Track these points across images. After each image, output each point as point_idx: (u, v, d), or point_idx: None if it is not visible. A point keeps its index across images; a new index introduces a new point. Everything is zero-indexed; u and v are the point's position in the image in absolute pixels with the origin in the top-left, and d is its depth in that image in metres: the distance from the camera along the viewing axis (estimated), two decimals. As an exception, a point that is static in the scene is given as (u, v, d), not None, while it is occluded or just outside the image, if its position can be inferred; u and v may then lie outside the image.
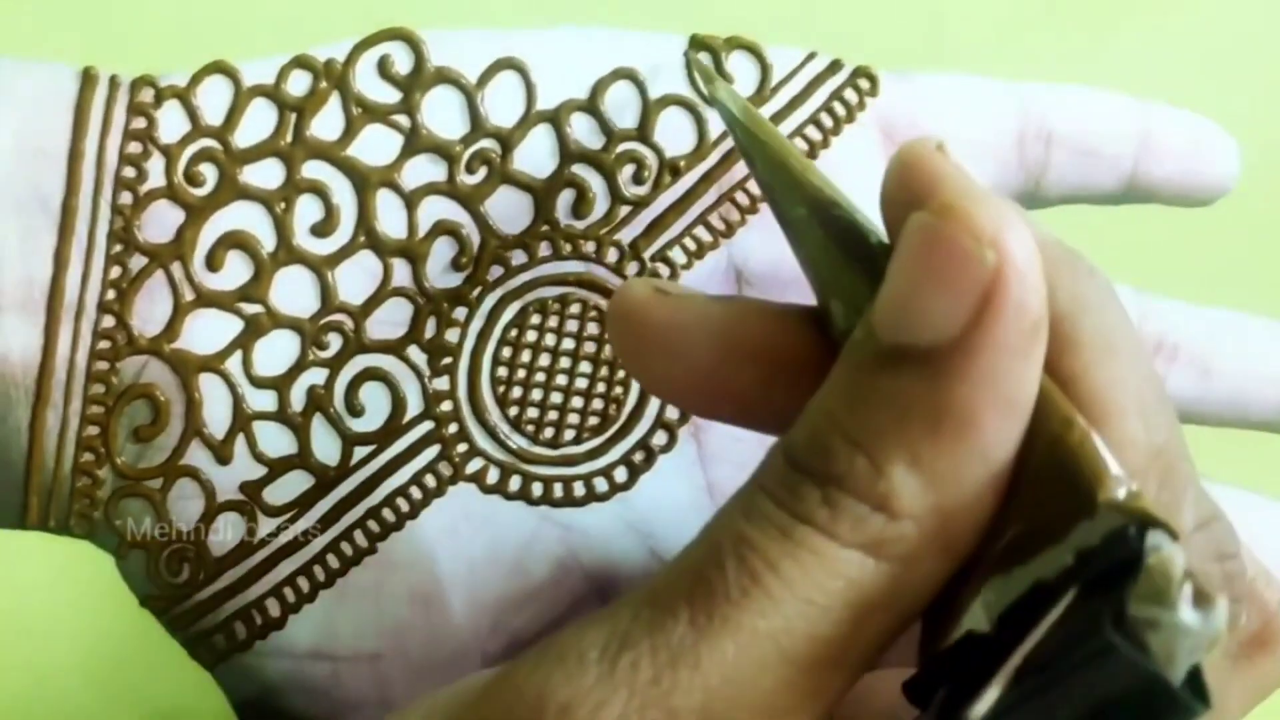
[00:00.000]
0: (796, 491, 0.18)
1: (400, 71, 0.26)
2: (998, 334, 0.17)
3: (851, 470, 0.18)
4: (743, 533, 0.18)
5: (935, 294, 0.17)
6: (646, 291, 0.21)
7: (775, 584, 0.18)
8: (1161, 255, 0.39)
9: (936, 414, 0.17)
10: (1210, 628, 0.16)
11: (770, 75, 0.27)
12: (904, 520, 0.18)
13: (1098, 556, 0.16)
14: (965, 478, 0.18)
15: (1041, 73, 0.29)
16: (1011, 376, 0.17)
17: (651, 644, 0.18)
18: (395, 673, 0.26)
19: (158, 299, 0.26)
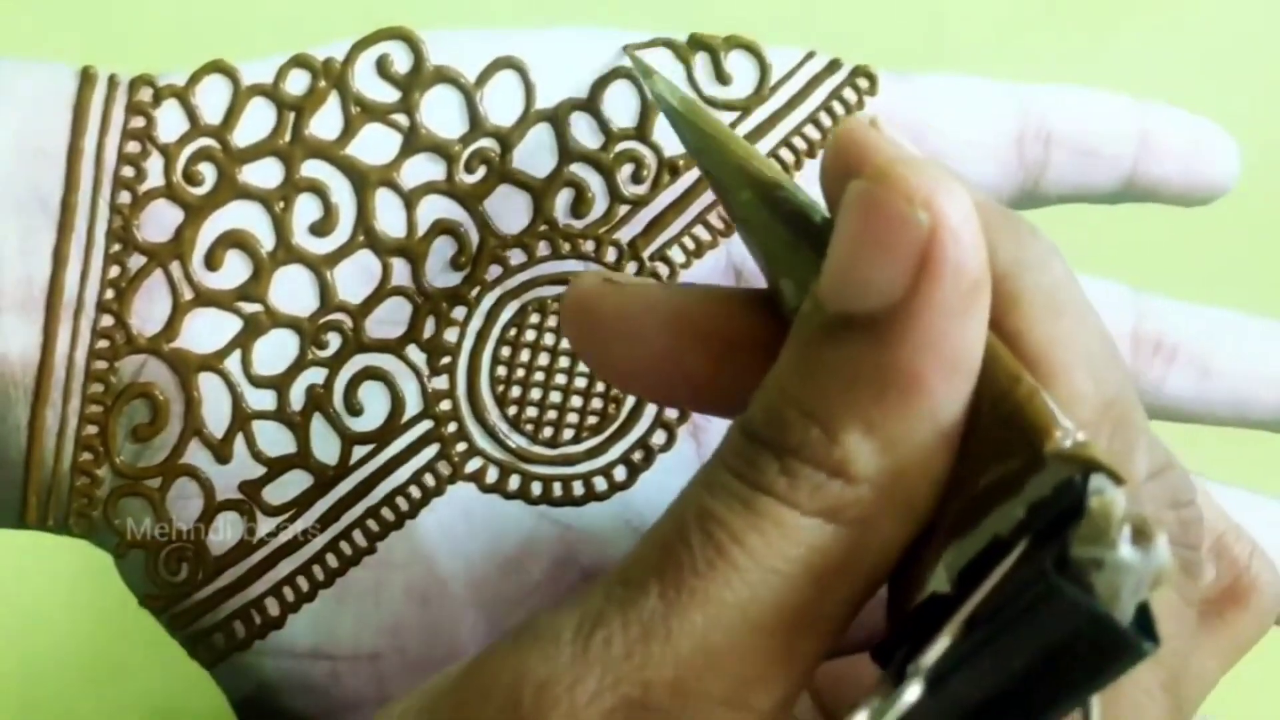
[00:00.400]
0: (755, 463, 0.18)
1: (399, 71, 0.26)
2: (937, 295, 0.17)
3: (806, 439, 0.18)
4: (706, 506, 0.18)
5: (873, 259, 0.18)
6: (596, 282, 0.21)
7: (740, 555, 0.18)
8: (1161, 255, 0.39)
9: (883, 378, 0.18)
10: (1151, 564, 0.16)
11: (769, 74, 0.27)
12: (860, 484, 0.18)
13: (1048, 507, 0.17)
14: (916, 439, 0.18)
15: (1041, 73, 0.29)
16: (954, 337, 0.18)
17: (623, 620, 0.18)
18: (394, 672, 0.26)
19: (157, 298, 0.26)
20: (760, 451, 0.18)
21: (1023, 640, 0.16)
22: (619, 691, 0.18)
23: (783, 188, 0.21)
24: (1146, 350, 0.29)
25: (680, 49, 0.27)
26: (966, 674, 0.17)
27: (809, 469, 0.18)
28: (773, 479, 0.18)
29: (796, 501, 0.18)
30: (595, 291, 0.21)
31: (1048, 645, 0.16)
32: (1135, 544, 0.16)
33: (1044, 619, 0.16)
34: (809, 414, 0.18)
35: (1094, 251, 0.31)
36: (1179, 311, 0.29)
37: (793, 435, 0.18)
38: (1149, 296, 0.29)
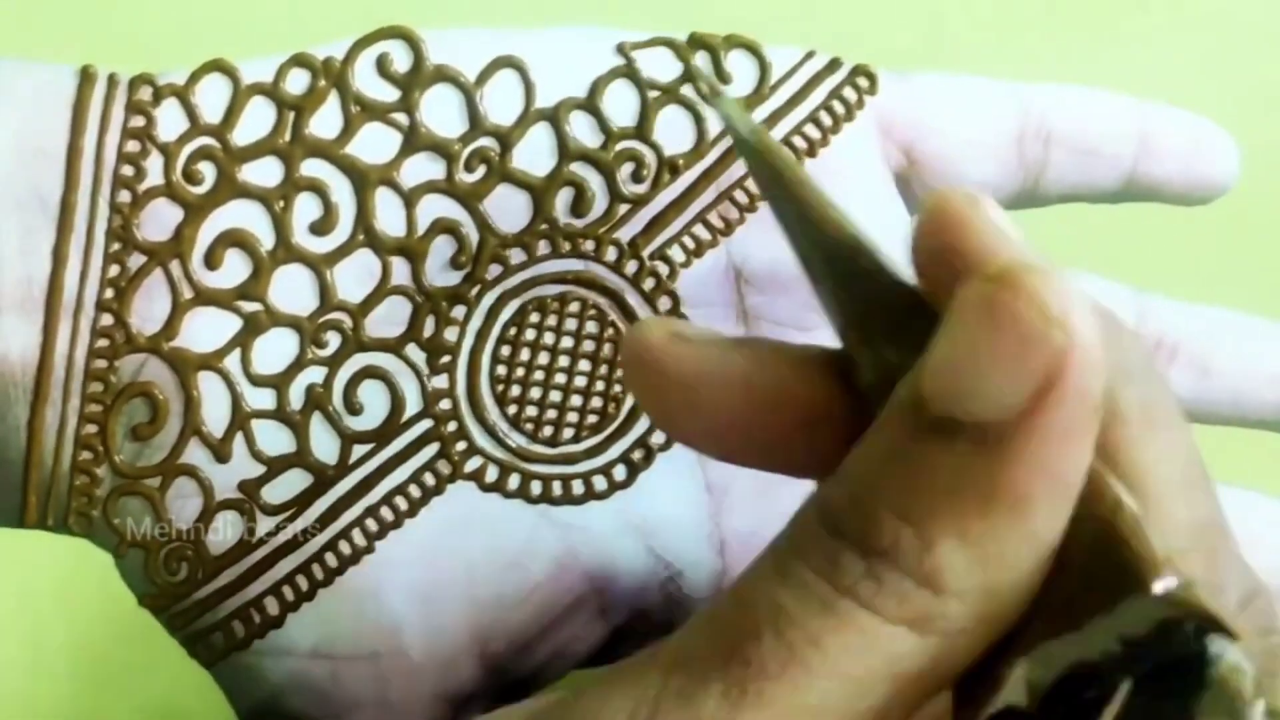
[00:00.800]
0: (838, 562, 0.18)
1: (399, 70, 0.26)
2: (1060, 417, 0.17)
3: (898, 544, 0.17)
4: (780, 603, 0.18)
5: (996, 370, 0.17)
6: (663, 335, 0.20)
7: (816, 659, 0.17)
8: (1161, 255, 0.39)
9: (989, 492, 0.17)
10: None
11: (769, 73, 0.27)
12: (950, 597, 0.17)
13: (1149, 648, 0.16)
14: (1014, 557, 0.17)
15: (1041, 72, 0.29)
16: (1068, 459, 0.17)
17: (681, 717, 0.17)
18: (394, 671, 0.26)
19: (156, 297, 0.26)
20: (844, 550, 0.18)
21: None
22: None
23: (860, 253, 0.20)
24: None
25: (680, 48, 0.27)
26: None
27: (898, 575, 0.17)
28: (856, 581, 0.17)
29: (881, 608, 0.17)
30: (661, 345, 0.20)
31: None
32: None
33: None
34: (902, 516, 0.17)
35: (1094, 251, 0.31)
36: (1179, 311, 0.29)
37: (883, 537, 0.17)
38: (1149, 296, 0.29)
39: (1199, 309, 0.30)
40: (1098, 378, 0.17)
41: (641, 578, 0.27)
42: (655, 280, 0.27)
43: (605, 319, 0.27)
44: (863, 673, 0.17)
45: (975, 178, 0.28)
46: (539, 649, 0.27)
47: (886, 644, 0.17)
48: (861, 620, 0.17)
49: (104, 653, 0.44)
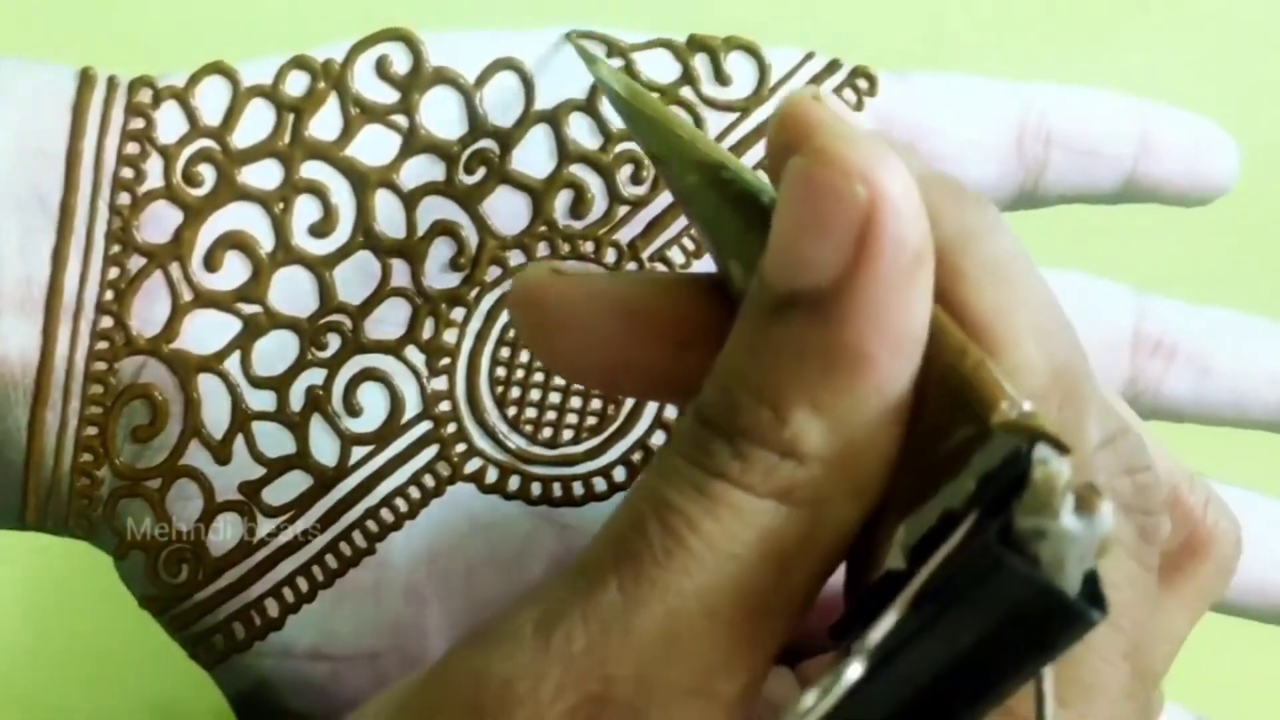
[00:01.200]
0: (708, 448, 0.18)
1: (398, 72, 0.26)
2: (878, 269, 0.17)
3: (757, 421, 0.18)
4: (662, 495, 0.18)
5: (814, 236, 0.17)
6: (543, 273, 0.21)
7: (696, 542, 0.18)
8: (1161, 255, 0.39)
9: (829, 356, 0.18)
10: (1095, 531, 0.16)
11: (768, 75, 0.27)
12: (811, 463, 0.18)
13: (997, 478, 0.16)
14: (865, 416, 0.18)
15: (1041, 73, 0.29)
16: (898, 311, 0.18)
17: (583, 613, 0.18)
18: (394, 672, 0.26)
19: (156, 299, 0.26)
20: (712, 436, 0.18)
21: (970, 614, 0.16)
22: (582, 688, 0.18)
23: (728, 169, 0.21)
24: (1146, 350, 0.29)
25: (679, 50, 0.27)
26: (915, 650, 0.16)
27: (761, 451, 0.18)
28: (726, 463, 0.18)
29: (750, 484, 0.18)
30: (540, 281, 0.21)
31: (995, 618, 0.16)
32: (1079, 512, 0.16)
33: (990, 592, 0.16)
34: (758, 395, 0.18)
35: (1094, 252, 0.31)
36: (1179, 311, 0.29)
37: (743, 417, 0.18)
38: (1149, 296, 0.29)
39: (1199, 309, 0.30)
40: (911, 226, 0.17)
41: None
42: (655, 281, 0.27)
43: (605, 320, 0.27)
44: (741, 549, 0.18)
45: (975, 178, 0.28)
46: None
47: (759, 518, 0.18)
48: (733, 498, 0.18)
49: (104, 653, 0.44)
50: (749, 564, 0.18)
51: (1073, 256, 0.30)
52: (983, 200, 0.20)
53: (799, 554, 0.18)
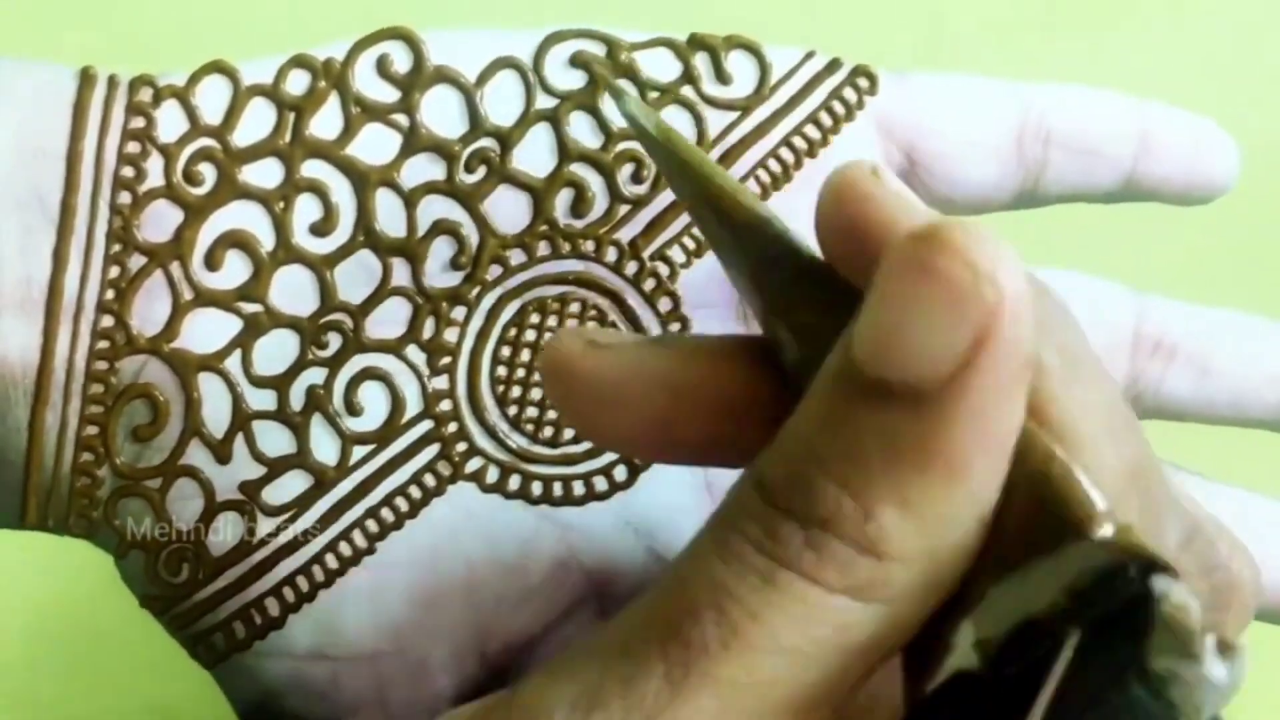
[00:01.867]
0: (777, 534, 0.17)
1: (399, 71, 0.26)
2: (993, 375, 0.16)
3: (839, 512, 0.17)
4: (720, 579, 0.17)
5: (928, 329, 0.16)
6: (578, 346, 0.20)
7: (759, 635, 0.17)
8: (1160, 255, 0.39)
9: (927, 455, 0.17)
10: (1236, 677, 0.15)
11: (769, 74, 0.27)
12: (892, 563, 0.17)
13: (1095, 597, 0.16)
14: (954, 519, 0.17)
15: (1040, 72, 0.29)
16: (1003, 416, 0.17)
17: (624, 703, 0.17)
18: (394, 672, 0.26)
19: (157, 298, 0.26)
20: (783, 521, 0.17)
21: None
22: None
23: (771, 230, 0.20)
24: (1146, 350, 0.29)
25: (680, 48, 0.27)
26: None
27: (839, 543, 0.17)
28: (797, 553, 0.17)
29: (823, 579, 0.17)
30: (577, 355, 0.20)
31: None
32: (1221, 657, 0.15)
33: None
34: (841, 482, 0.17)
35: (1094, 251, 0.31)
36: (1179, 311, 0.29)
37: (823, 505, 0.17)
38: (1149, 296, 0.29)
39: (1198, 309, 0.29)
40: (1028, 332, 0.17)
41: (641, 578, 0.27)
42: (655, 281, 0.27)
43: (605, 320, 0.27)
44: (807, 645, 0.17)
45: (975, 178, 0.28)
46: (539, 649, 0.27)
47: (831, 614, 0.17)
48: (803, 591, 0.17)
49: (104, 653, 0.44)
50: (813, 660, 0.17)
51: (1072, 256, 0.30)
52: (1052, 290, 0.19)
53: (866, 651, 0.17)
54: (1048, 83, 0.29)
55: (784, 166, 0.27)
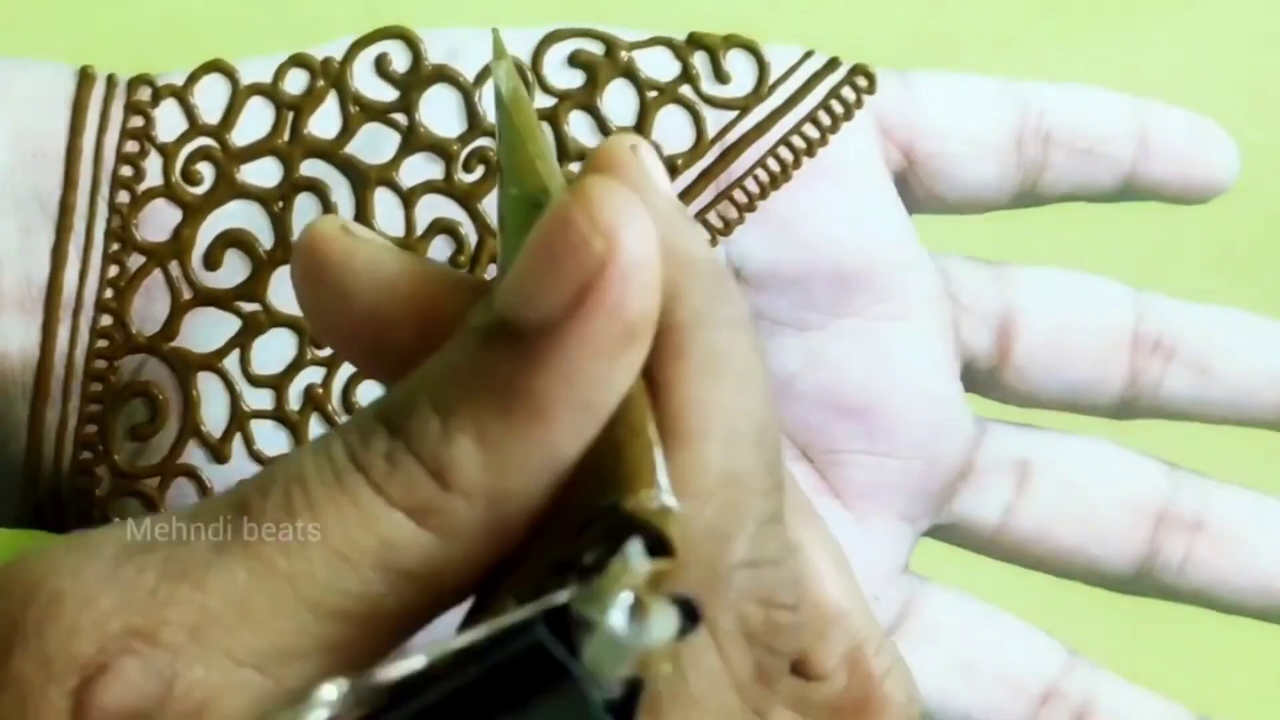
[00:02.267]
0: (367, 440, 0.17)
1: (398, 70, 0.26)
2: (587, 330, 0.17)
3: (423, 430, 0.17)
4: (301, 467, 0.17)
5: (543, 273, 0.17)
6: (333, 228, 0.20)
7: (309, 525, 0.17)
8: (1160, 254, 0.39)
9: (513, 394, 0.17)
10: (639, 638, 0.15)
11: (768, 73, 0.27)
12: (456, 494, 0.17)
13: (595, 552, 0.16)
14: (525, 467, 0.17)
15: (1040, 72, 0.29)
16: (592, 377, 0.17)
17: (168, 553, 0.17)
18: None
19: (156, 297, 0.26)
20: (377, 429, 0.18)
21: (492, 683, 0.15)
22: (129, 621, 0.17)
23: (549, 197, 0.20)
24: (1145, 349, 0.29)
25: (679, 48, 0.27)
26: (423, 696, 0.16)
27: (412, 460, 0.17)
28: (374, 460, 0.17)
29: (387, 490, 0.17)
30: (327, 235, 0.20)
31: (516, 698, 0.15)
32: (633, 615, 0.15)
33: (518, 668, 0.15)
34: (436, 405, 0.17)
35: (1093, 251, 0.31)
36: (1178, 310, 0.29)
37: (412, 421, 0.17)
38: (1148, 296, 0.29)
39: (1198, 308, 0.29)
40: (635, 298, 0.17)
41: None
42: (654, 280, 0.27)
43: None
44: (350, 549, 0.17)
45: (974, 177, 0.28)
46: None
47: (381, 526, 0.17)
48: (364, 496, 0.17)
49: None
50: (353, 568, 0.17)
51: (1072, 256, 0.30)
52: (738, 296, 0.19)
53: (413, 578, 0.17)
54: (1047, 82, 0.29)
55: (783, 165, 0.27)
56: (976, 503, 0.29)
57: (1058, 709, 0.28)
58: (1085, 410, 0.29)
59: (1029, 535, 0.29)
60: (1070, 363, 0.29)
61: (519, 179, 0.20)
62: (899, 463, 0.28)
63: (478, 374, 0.17)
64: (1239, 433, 0.30)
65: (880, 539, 0.28)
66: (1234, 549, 0.29)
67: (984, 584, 0.29)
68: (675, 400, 0.18)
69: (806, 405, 0.27)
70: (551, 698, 0.15)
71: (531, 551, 0.18)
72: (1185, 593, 0.29)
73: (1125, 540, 0.29)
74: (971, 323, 0.28)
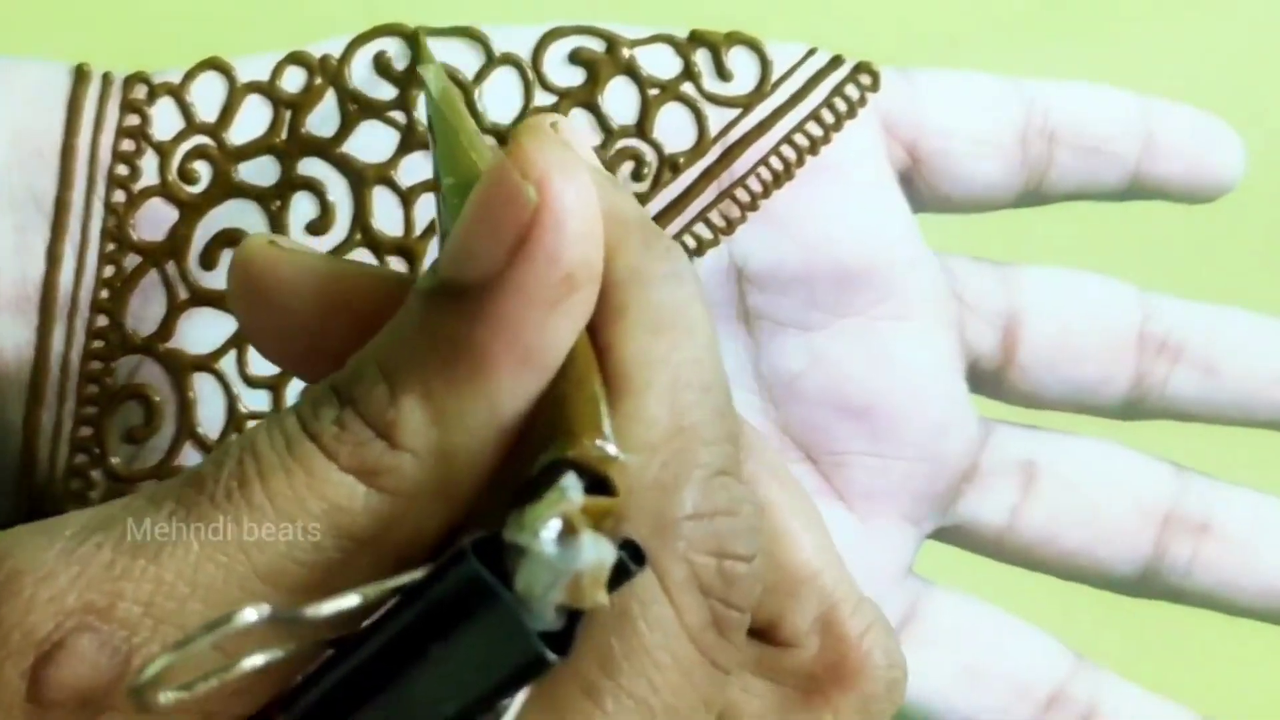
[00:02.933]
0: (318, 407, 0.18)
1: (397, 68, 0.26)
2: (523, 280, 0.17)
3: (369, 393, 0.17)
4: (254, 438, 0.18)
5: (481, 229, 0.17)
6: (261, 243, 0.20)
7: (260, 493, 0.17)
8: (1166, 253, 0.39)
9: (455, 349, 0.17)
10: (567, 561, 0.15)
11: (770, 71, 0.27)
12: (403, 452, 0.17)
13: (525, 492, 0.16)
14: (470, 421, 0.17)
15: (1045, 69, 0.29)
16: (532, 327, 0.17)
17: (124, 530, 0.17)
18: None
19: (151, 298, 0.25)
20: (328, 398, 0.18)
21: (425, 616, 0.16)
22: (84, 597, 0.17)
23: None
24: (1151, 349, 0.29)
25: (681, 45, 0.27)
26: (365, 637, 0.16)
27: (359, 423, 0.17)
28: (324, 426, 0.17)
29: (336, 453, 0.17)
30: (256, 250, 0.20)
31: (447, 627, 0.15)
32: (560, 539, 0.15)
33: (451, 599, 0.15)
34: (383, 370, 0.18)
35: (1098, 250, 0.31)
36: (1184, 311, 0.29)
37: (359, 387, 0.18)
38: (1154, 296, 0.29)
39: (1204, 308, 0.29)
40: (572, 246, 0.17)
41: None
42: (656, 280, 0.27)
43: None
44: (303, 517, 0.17)
45: (979, 175, 0.28)
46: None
47: (331, 490, 0.17)
48: (314, 461, 0.17)
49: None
50: (309, 535, 0.17)
51: (1077, 255, 0.30)
52: (674, 250, 0.19)
53: (367, 542, 0.17)
54: (1052, 79, 0.29)
55: (786, 164, 0.27)
56: (981, 504, 0.28)
57: (1064, 712, 0.28)
58: (1091, 411, 0.29)
59: (1035, 537, 0.29)
60: (1076, 363, 0.29)
61: (454, 169, 0.20)
62: (903, 464, 0.28)
63: (421, 335, 0.18)
64: (1246, 434, 0.30)
65: (884, 541, 0.28)
66: (1241, 551, 0.29)
67: (989, 587, 0.29)
68: (618, 356, 0.18)
69: (810, 406, 0.27)
70: (483, 625, 0.15)
71: (483, 511, 0.17)
72: (1192, 595, 0.29)
73: (1131, 542, 0.29)
74: (976, 323, 0.28)
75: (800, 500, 0.21)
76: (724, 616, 0.18)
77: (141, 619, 0.17)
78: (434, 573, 0.16)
